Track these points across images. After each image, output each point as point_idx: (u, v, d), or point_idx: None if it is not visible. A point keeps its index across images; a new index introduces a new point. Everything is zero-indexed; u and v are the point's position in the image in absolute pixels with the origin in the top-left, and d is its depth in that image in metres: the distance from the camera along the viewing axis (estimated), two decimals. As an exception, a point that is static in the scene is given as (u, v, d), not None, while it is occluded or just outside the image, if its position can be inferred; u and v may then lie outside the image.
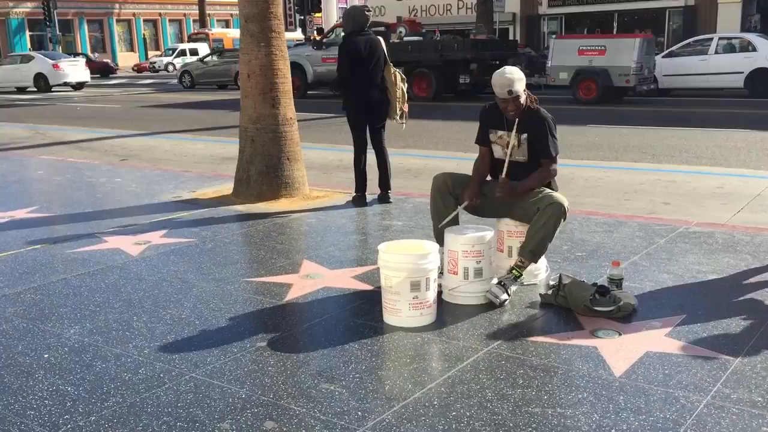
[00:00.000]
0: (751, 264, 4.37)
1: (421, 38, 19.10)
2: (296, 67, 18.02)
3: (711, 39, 17.72)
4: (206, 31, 42.67)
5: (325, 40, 19.86)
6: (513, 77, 3.88)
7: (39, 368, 3.13)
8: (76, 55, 36.80)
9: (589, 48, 16.70)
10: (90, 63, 32.67)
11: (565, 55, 16.91)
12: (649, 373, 2.96)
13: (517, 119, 3.98)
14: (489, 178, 4.22)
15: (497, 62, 17.46)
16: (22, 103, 21.52)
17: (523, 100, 3.95)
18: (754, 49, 16.66)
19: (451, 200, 4.12)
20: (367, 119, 6.22)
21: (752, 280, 4.10)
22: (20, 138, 12.72)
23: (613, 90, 16.40)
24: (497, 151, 4.15)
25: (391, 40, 18.34)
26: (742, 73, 16.59)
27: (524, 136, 4.01)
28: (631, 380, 2.90)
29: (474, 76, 17.99)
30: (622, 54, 15.95)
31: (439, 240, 4.07)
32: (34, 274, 4.49)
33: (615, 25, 28.94)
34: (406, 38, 19.11)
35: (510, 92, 3.87)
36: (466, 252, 3.78)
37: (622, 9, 28.45)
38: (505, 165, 4.02)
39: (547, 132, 3.97)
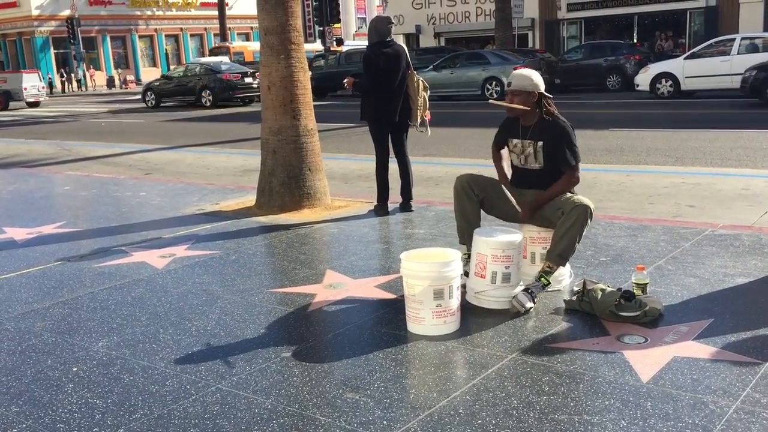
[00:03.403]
0: (779, 266, 4.31)
1: None
2: None
3: (733, 39, 17.52)
4: (227, 44, 43.02)
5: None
6: (519, 74, 4.03)
7: (68, 381, 3.17)
8: None
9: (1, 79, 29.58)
10: None
11: None
12: (677, 379, 2.92)
13: (531, 127, 4.01)
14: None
15: None
16: (47, 120, 21.87)
17: (526, 99, 3.98)
18: (778, 48, 16.47)
19: (475, 200, 4.12)
20: (390, 129, 6.23)
21: (781, 282, 4.04)
22: (46, 154, 12.92)
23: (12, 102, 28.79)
24: (512, 159, 4.18)
25: None
26: (767, 72, 16.36)
27: (540, 144, 4.00)
28: (659, 386, 2.87)
29: None
30: (15, 83, 28.56)
31: (463, 239, 4.07)
32: (62, 288, 4.56)
33: (635, 27, 28.74)
34: None
35: (509, 84, 4.02)
36: (495, 257, 3.75)
37: (642, 11, 28.25)
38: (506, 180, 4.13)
39: (564, 141, 3.96)
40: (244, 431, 2.67)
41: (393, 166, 6.32)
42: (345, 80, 6.39)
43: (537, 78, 4.01)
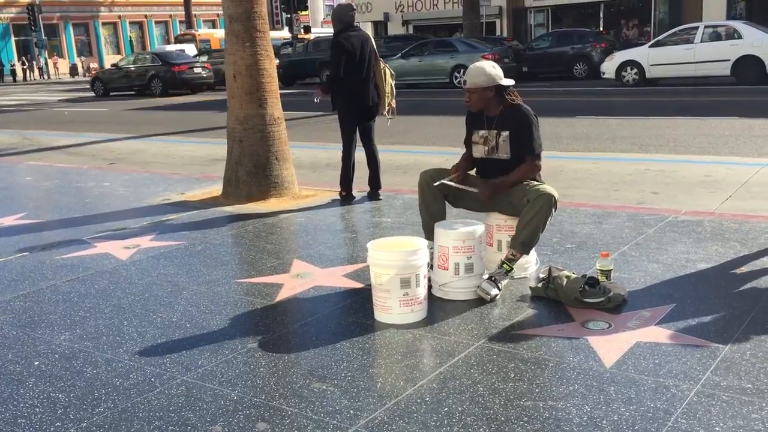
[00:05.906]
0: (739, 251, 4.40)
1: None
2: None
3: (697, 27, 17.75)
4: (193, 31, 42.46)
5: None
6: (471, 71, 4.01)
7: (29, 376, 3.11)
8: None
9: None
10: None
11: None
12: (640, 363, 2.97)
13: (495, 118, 4.01)
14: (475, 173, 4.23)
15: None
16: (8, 109, 21.40)
17: (482, 95, 3.99)
18: (740, 37, 16.71)
19: (439, 195, 4.12)
20: (359, 117, 6.21)
21: (741, 267, 4.12)
22: (7, 144, 12.65)
23: None
24: (477, 151, 4.16)
25: None
26: (729, 60, 16.63)
27: (505, 133, 4.01)
28: (622, 371, 2.91)
29: None
30: None
31: (429, 234, 4.07)
32: (23, 281, 4.47)
33: (602, 16, 28.97)
34: None
35: (464, 81, 4.05)
36: (456, 248, 3.78)
37: (608, 0, 28.48)
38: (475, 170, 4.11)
39: (527, 128, 3.97)
40: (209, 423, 2.65)
41: (360, 155, 6.31)
42: (316, 90, 6.37)
43: (491, 71, 3.96)
